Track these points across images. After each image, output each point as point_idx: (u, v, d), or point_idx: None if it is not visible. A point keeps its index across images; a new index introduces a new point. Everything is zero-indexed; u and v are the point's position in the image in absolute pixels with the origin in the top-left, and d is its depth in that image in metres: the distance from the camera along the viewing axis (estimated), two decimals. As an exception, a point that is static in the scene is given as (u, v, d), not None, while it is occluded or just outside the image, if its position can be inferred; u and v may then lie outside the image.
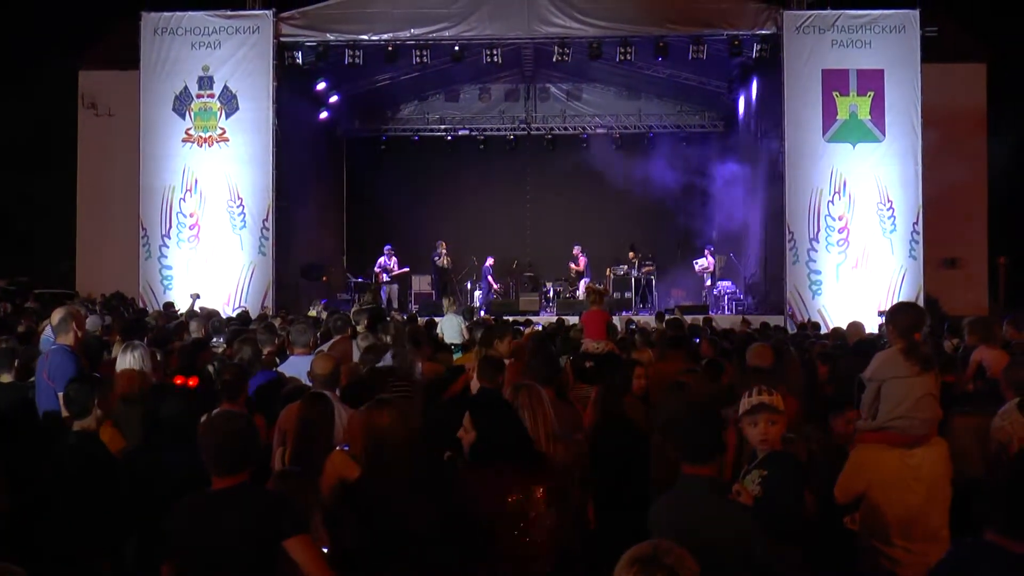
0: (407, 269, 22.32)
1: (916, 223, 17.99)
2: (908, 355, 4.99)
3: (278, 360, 7.70)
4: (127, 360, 6.13)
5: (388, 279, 21.38)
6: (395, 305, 20.68)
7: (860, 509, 4.84)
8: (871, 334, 11.66)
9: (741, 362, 7.16)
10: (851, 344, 9.53)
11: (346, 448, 4.98)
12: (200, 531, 3.49)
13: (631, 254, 21.95)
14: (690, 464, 3.73)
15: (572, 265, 22.78)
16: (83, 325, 6.65)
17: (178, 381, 6.35)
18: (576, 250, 22.68)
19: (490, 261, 22.93)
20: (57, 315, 6.49)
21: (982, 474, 4.85)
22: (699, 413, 3.97)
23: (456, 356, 9.81)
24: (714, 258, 22.37)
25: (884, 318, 5.38)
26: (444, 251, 22.13)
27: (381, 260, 21.60)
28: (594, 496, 5.11)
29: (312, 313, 15.40)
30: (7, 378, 6.41)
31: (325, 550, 3.99)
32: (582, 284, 21.66)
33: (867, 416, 5.10)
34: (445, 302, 13.17)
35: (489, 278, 22.72)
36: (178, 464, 4.50)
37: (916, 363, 4.95)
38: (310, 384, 6.00)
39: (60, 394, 5.67)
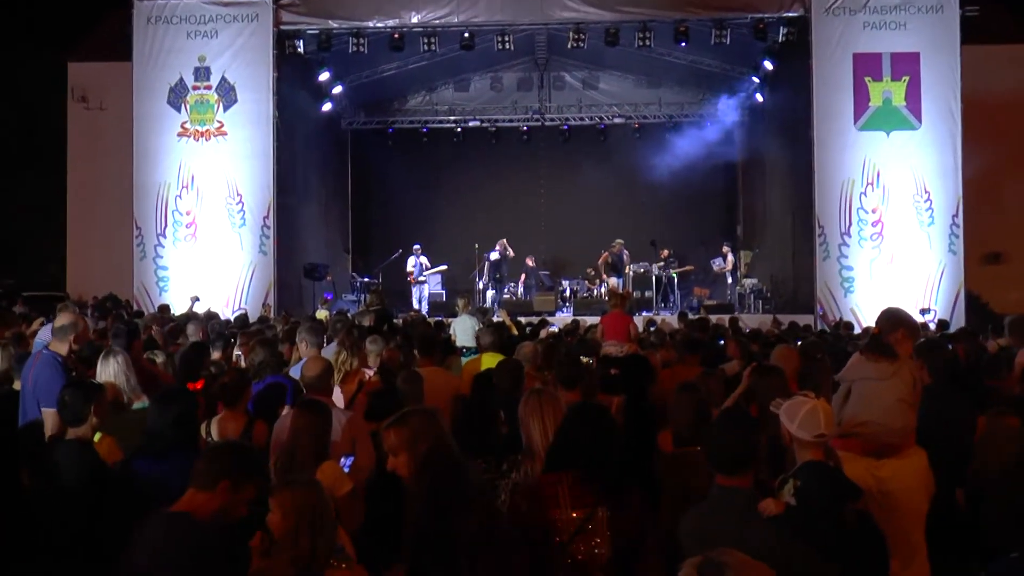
0: (444, 267, 22.45)
1: (956, 215, 17.86)
2: (873, 351, 4.85)
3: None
4: (108, 371, 6.02)
5: (423, 279, 21.67)
6: (422, 305, 20.91)
7: None
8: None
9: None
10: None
11: (348, 460, 4.94)
12: (144, 557, 3.47)
13: (664, 252, 21.82)
14: (723, 475, 3.66)
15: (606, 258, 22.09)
16: (85, 338, 6.61)
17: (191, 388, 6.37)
18: (617, 245, 22.06)
19: (530, 261, 23.10)
20: (62, 319, 6.42)
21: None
22: (732, 419, 3.90)
23: (467, 359, 9.79)
24: (735, 256, 22.29)
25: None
26: (501, 249, 22.41)
27: (412, 260, 21.84)
28: None
29: (320, 315, 15.40)
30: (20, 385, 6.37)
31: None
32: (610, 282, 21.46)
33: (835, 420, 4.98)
34: (460, 302, 13.06)
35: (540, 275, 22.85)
36: (167, 476, 4.38)
37: (883, 360, 4.82)
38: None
39: (44, 408, 5.66)
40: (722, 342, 10.21)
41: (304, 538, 3.55)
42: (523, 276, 22.85)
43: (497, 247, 22.27)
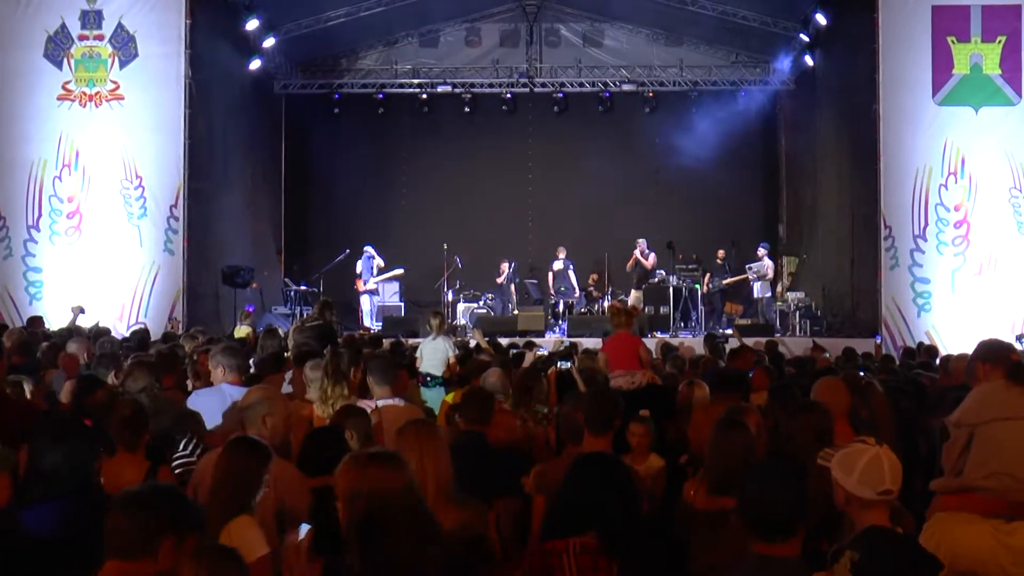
0: (400, 271, 22.53)
1: (1066, 215, 17.94)
2: (1014, 383, 4.93)
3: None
4: None
5: (373, 286, 21.95)
6: (373, 320, 21.28)
7: None
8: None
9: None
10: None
11: (305, 528, 4.71)
12: None
13: (719, 253, 21.86)
14: (762, 541, 3.68)
15: (642, 259, 22.49)
16: None
17: None
18: (641, 245, 22.42)
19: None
20: None
21: None
22: (773, 471, 3.94)
23: (429, 392, 9.74)
24: (773, 260, 22.25)
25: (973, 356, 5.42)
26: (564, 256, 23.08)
27: (362, 261, 22.12)
28: None
29: (241, 332, 15.22)
30: None
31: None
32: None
33: (951, 473, 5.01)
34: (433, 322, 12.79)
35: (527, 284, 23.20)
36: (47, 525, 4.45)
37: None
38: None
39: None
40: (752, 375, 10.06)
41: None
42: (456, 285, 22.94)
43: (559, 254, 22.80)
